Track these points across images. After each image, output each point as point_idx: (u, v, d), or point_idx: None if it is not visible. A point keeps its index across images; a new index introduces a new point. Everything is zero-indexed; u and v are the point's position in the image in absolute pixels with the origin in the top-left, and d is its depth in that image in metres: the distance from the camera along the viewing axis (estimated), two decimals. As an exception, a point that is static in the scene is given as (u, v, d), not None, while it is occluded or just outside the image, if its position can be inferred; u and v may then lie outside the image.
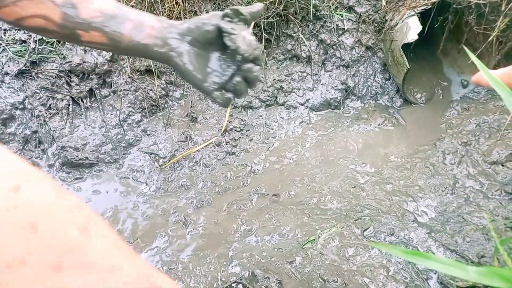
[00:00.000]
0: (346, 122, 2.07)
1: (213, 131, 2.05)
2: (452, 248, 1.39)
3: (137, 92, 2.04)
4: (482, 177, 1.62)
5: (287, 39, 2.13)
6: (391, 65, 2.07)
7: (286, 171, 1.87)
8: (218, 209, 1.76)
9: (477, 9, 1.81)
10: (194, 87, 1.00)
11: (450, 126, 1.91)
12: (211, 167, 1.95)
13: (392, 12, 2.04)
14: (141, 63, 2.00)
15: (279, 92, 2.12)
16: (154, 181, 1.92)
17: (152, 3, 2.00)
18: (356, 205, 1.66)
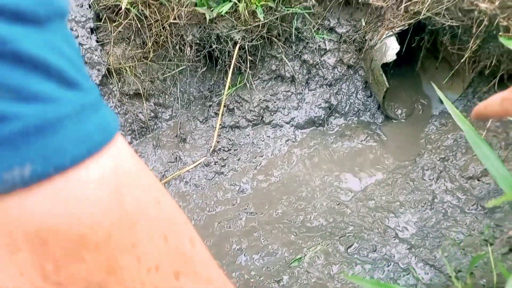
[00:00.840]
0: (330, 139, 2.14)
1: (202, 151, 2.10)
2: (431, 263, 1.47)
3: (126, 115, 2.09)
4: (459, 192, 1.70)
5: (272, 59, 2.20)
6: (372, 83, 2.15)
7: (273, 190, 1.94)
8: (210, 230, 1.82)
9: (451, 30, 1.90)
10: None
11: (429, 141, 1.99)
12: (201, 187, 2.00)
13: (371, 32, 2.13)
14: (129, 87, 2.06)
15: (265, 111, 2.19)
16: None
17: (139, 28, 2.06)
18: (340, 222, 1.72)
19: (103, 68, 2.03)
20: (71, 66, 0.36)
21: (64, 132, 0.33)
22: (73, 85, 0.35)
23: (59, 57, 0.34)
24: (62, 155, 0.33)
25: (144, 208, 0.39)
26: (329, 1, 2.12)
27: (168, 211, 0.44)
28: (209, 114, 2.17)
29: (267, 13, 1.97)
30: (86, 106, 0.36)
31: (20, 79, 0.31)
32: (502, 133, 1.84)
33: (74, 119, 0.34)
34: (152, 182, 0.44)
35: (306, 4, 2.02)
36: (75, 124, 0.34)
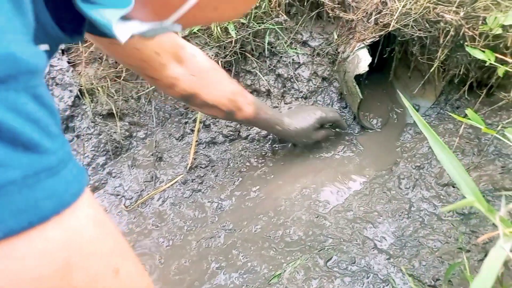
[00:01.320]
0: (307, 152, 2.14)
1: (179, 169, 2.08)
2: (409, 272, 1.46)
3: (100, 136, 2.06)
4: (435, 200, 1.71)
5: (246, 74, 2.21)
6: (346, 95, 2.18)
7: (252, 206, 1.92)
8: (187, 248, 1.78)
9: (420, 40, 1.94)
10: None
11: (405, 150, 2.01)
12: (179, 205, 1.97)
13: (343, 45, 2.16)
14: (103, 107, 2.03)
15: (241, 126, 2.18)
16: (122, 223, 1.93)
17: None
18: (319, 235, 1.71)
19: (75, 89, 2.01)
20: (33, 127, 0.33)
21: (4, 199, 0.30)
22: (30, 147, 0.32)
23: (17, 117, 0.31)
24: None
25: (98, 281, 0.37)
26: (300, 16, 2.15)
27: (128, 280, 0.41)
28: (185, 131, 2.15)
29: (239, 29, 1.98)
30: (40, 171, 0.33)
31: None
32: (475, 139, 1.87)
33: (20, 185, 0.31)
34: (114, 246, 0.41)
35: (277, 19, 2.05)
36: (20, 192, 0.31)
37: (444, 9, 1.72)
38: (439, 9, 1.74)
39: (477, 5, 1.66)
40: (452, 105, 2.10)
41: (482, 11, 1.65)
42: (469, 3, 1.67)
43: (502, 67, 1.54)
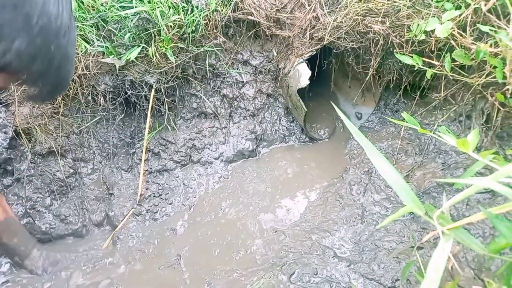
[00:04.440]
0: (261, 169, 2.15)
1: (131, 201, 2.00)
2: (370, 277, 1.49)
3: (42, 176, 1.95)
4: (386, 202, 1.77)
5: (191, 98, 2.19)
6: (292, 109, 2.22)
7: (210, 229, 1.88)
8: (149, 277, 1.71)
9: (354, 51, 2.03)
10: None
11: (353, 156, 2.07)
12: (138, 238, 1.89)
13: (283, 61, 2.21)
14: (42, 146, 1.92)
15: (192, 150, 2.15)
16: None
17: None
18: (279, 250, 1.71)
19: (10, 130, 1.89)
20: None
21: None
22: None
23: None
24: None
25: None
26: (239, 36, 2.18)
27: None
28: (133, 161, 2.09)
29: (178, 54, 1.97)
30: None
31: None
32: (415, 140, 1.97)
33: None
34: None
35: (216, 41, 2.06)
36: None
37: (372, 20, 1.82)
38: (367, 20, 1.83)
39: (401, 14, 1.76)
40: (392, 109, 2.20)
41: (406, 19, 1.75)
42: (393, 13, 1.78)
43: (430, 70, 1.64)
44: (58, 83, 0.73)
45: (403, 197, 0.75)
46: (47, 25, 0.63)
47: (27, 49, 0.61)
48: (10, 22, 0.58)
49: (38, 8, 0.61)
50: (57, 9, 0.65)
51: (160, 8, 1.83)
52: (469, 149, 0.92)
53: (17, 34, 0.59)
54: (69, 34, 0.69)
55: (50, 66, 0.68)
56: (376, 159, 0.81)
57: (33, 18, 0.60)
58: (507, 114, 1.60)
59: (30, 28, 0.61)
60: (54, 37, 0.65)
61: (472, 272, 1.32)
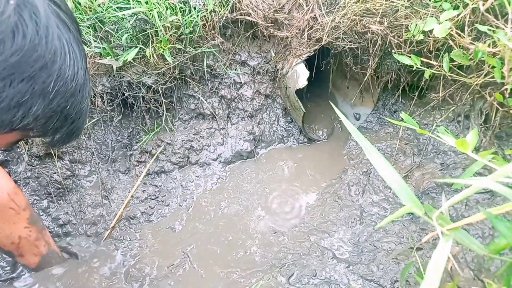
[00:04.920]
0: (259, 170, 2.14)
1: (129, 205, 1.99)
2: (369, 278, 1.48)
3: (39, 178, 1.94)
4: (385, 203, 1.76)
5: (189, 99, 2.18)
6: (290, 109, 2.21)
7: (210, 231, 1.87)
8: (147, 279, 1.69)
9: (352, 51, 2.02)
10: None
11: (351, 157, 2.06)
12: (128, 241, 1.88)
13: (281, 61, 2.20)
14: (39, 148, 1.91)
15: (190, 151, 2.14)
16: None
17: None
18: (278, 251, 1.70)
19: (6, 132, 1.87)
20: None
21: None
22: None
23: None
24: None
25: None
26: (236, 37, 2.17)
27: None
28: (131, 163, 2.08)
29: (176, 55, 1.96)
30: None
31: None
32: (414, 140, 1.96)
33: None
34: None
35: (214, 42, 2.05)
36: None
37: (370, 21, 1.82)
38: (365, 20, 1.83)
39: (399, 14, 1.76)
40: (390, 109, 2.20)
41: (404, 19, 1.75)
42: (391, 13, 1.77)
43: (428, 70, 1.63)
44: (72, 134, 0.76)
45: (402, 197, 0.74)
46: (63, 88, 0.65)
47: (43, 112, 0.64)
48: (28, 91, 0.60)
49: (55, 74, 0.62)
50: (73, 70, 0.66)
51: (158, 9, 1.83)
52: (468, 149, 0.91)
53: (34, 101, 0.61)
54: (83, 89, 0.71)
55: (66, 122, 0.70)
56: (375, 158, 0.80)
57: (49, 84, 0.62)
58: (505, 114, 1.59)
59: (47, 94, 0.63)
60: (70, 97, 0.67)
61: (472, 272, 1.32)
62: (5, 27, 0.55)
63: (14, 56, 0.56)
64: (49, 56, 0.61)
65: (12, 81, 0.57)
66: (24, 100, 0.60)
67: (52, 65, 0.62)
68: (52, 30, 0.61)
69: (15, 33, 0.56)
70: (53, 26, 0.62)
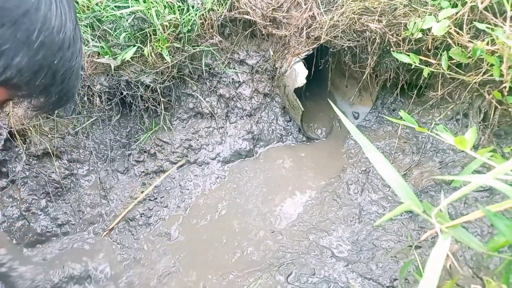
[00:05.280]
0: (258, 169, 2.14)
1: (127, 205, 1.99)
2: (368, 276, 1.48)
3: (38, 178, 1.93)
4: (384, 201, 1.76)
5: (188, 98, 2.18)
6: (289, 108, 2.21)
7: (206, 231, 1.87)
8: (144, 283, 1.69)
9: (350, 50, 2.02)
10: None
11: (350, 156, 2.06)
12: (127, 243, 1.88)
13: (280, 60, 2.20)
14: (37, 148, 1.91)
15: (188, 150, 2.14)
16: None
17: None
18: (277, 250, 1.70)
19: (4, 132, 1.87)
20: None
21: None
22: None
23: None
24: None
25: None
26: (235, 36, 2.16)
27: None
28: (129, 163, 2.08)
29: (174, 53, 1.96)
30: None
31: None
32: (413, 138, 1.96)
33: None
34: None
35: (212, 41, 2.05)
36: None
37: (368, 19, 1.81)
38: (364, 19, 1.83)
39: (397, 12, 1.76)
40: (389, 108, 2.20)
41: (402, 18, 1.75)
42: (390, 11, 1.77)
43: (427, 68, 1.63)
44: (63, 95, 0.71)
45: (401, 195, 0.74)
46: (49, 39, 0.61)
47: (28, 64, 0.60)
48: (9, 38, 0.56)
49: (39, 22, 0.59)
50: (60, 21, 0.62)
51: (156, 8, 1.82)
52: (467, 147, 0.91)
53: (17, 50, 0.58)
54: (74, 45, 0.67)
55: (54, 79, 0.66)
56: (373, 156, 0.80)
57: (33, 33, 0.59)
58: (504, 112, 1.59)
59: (31, 43, 0.59)
60: (58, 50, 0.63)
61: (471, 270, 1.31)
62: None
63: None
64: (32, 1, 0.58)
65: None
66: (5, 48, 0.56)
67: (36, 11, 0.58)
68: None
69: None
70: None
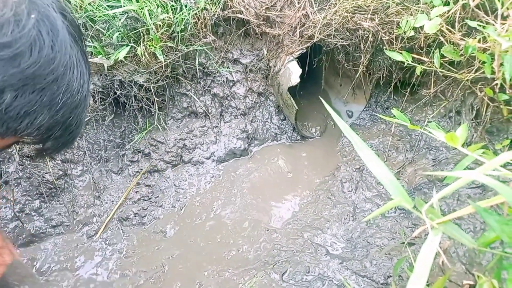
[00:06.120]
0: (253, 167, 2.14)
1: (122, 206, 1.98)
2: (362, 274, 1.48)
3: (31, 179, 1.92)
4: (377, 199, 1.77)
5: (182, 97, 2.18)
6: (283, 107, 2.21)
7: (201, 230, 1.87)
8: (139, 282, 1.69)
9: (344, 48, 2.03)
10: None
11: (344, 154, 2.07)
12: (121, 242, 1.87)
13: (274, 59, 2.20)
14: (30, 148, 1.90)
15: (183, 150, 2.14)
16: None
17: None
18: (272, 249, 1.70)
19: (-4, 132, 1.86)
20: None
21: None
22: None
23: None
24: None
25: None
26: (228, 35, 2.16)
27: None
28: (124, 163, 2.07)
29: (168, 53, 1.95)
30: None
31: None
32: (406, 136, 1.97)
33: None
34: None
35: (206, 40, 2.05)
36: None
37: (361, 17, 1.82)
38: (357, 17, 1.83)
39: (390, 10, 1.76)
40: (382, 106, 2.20)
41: (395, 16, 1.76)
42: (382, 9, 1.78)
43: (419, 66, 1.64)
44: (67, 143, 0.76)
45: (392, 191, 0.74)
46: (69, 100, 0.66)
47: (47, 123, 0.65)
48: (37, 103, 0.61)
49: (64, 87, 0.64)
50: (79, 83, 0.68)
51: (148, 7, 1.82)
52: (458, 143, 0.92)
53: (40, 112, 0.63)
54: (85, 101, 0.72)
55: (65, 132, 0.71)
56: (364, 153, 0.80)
57: (58, 97, 0.64)
58: (496, 109, 1.60)
59: (54, 105, 0.64)
60: (74, 108, 0.69)
61: (463, 266, 1.32)
62: (25, 40, 0.57)
63: (30, 69, 0.58)
64: (61, 69, 0.63)
65: (24, 91, 0.59)
66: (32, 110, 0.61)
67: (63, 78, 0.64)
68: (65, 45, 0.64)
69: (32, 47, 0.58)
70: (66, 41, 0.65)
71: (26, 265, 1.70)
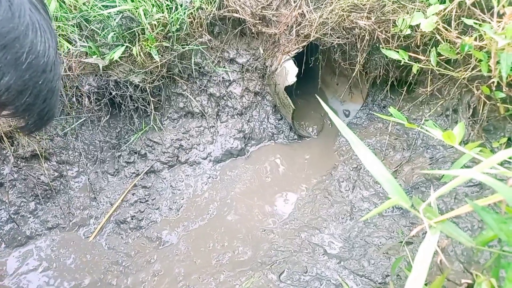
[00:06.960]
0: (250, 167, 2.13)
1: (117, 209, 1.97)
2: (360, 273, 1.48)
3: (26, 180, 1.91)
4: (375, 198, 1.76)
5: (178, 97, 2.16)
6: (280, 106, 2.21)
7: (198, 232, 1.86)
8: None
9: (340, 47, 2.02)
10: None
11: (341, 153, 2.06)
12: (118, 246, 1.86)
13: (270, 58, 2.19)
14: (25, 150, 1.88)
15: (179, 150, 2.13)
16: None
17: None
18: (269, 249, 1.69)
19: (-9, 134, 1.84)
20: None
21: None
22: None
23: None
24: None
25: None
26: (224, 34, 2.15)
27: None
28: (120, 164, 2.06)
29: (163, 53, 1.94)
30: None
31: None
32: (403, 135, 1.97)
33: None
34: None
35: (201, 39, 2.04)
36: None
37: (357, 16, 1.81)
38: (353, 16, 1.83)
39: (386, 9, 1.76)
40: (379, 105, 2.20)
41: (391, 14, 1.75)
42: (379, 8, 1.77)
43: (416, 65, 1.64)
44: (44, 115, 0.77)
45: (389, 190, 0.74)
46: (35, 61, 0.68)
47: (15, 84, 0.66)
48: (1, 60, 0.63)
49: (27, 47, 0.66)
50: (44, 46, 0.70)
51: (143, 7, 1.80)
52: (455, 141, 0.91)
53: (6, 71, 0.64)
54: (55, 68, 0.74)
55: (37, 99, 0.72)
56: (361, 152, 0.80)
57: (22, 55, 0.66)
58: (493, 107, 1.60)
59: (19, 65, 0.66)
60: (42, 72, 0.70)
61: (461, 265, 1.32)
62: None
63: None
64: (21, 28, 0.65)
65: None
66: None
67: (24, 38, 0.66)
68: (23, 8, 0.66)
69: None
70: (24, 4, 0.67)
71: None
